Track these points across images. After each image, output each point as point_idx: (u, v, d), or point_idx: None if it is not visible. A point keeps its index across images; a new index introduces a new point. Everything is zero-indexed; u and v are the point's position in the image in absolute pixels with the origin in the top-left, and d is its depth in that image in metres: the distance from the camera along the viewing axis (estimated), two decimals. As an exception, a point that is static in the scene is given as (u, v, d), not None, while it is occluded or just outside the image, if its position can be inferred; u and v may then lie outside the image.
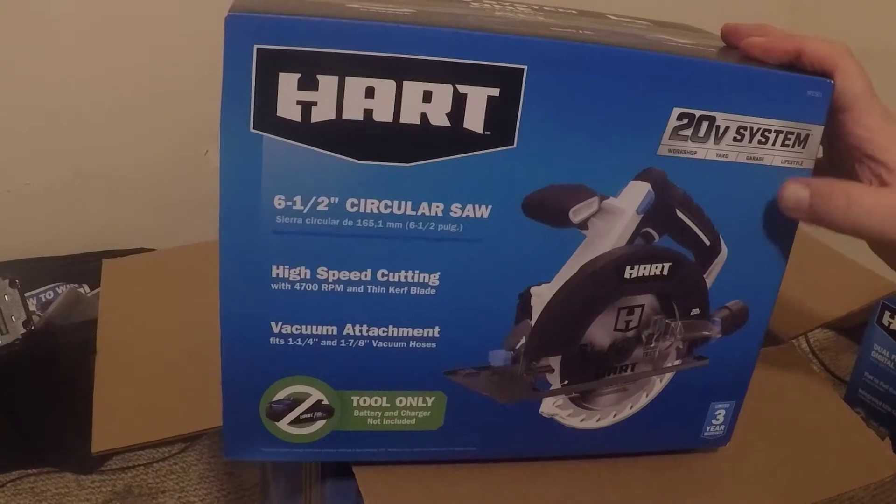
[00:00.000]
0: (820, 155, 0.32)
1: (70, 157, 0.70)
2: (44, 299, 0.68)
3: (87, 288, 0.68)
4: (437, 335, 0.31)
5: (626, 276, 0.32)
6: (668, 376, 0.35)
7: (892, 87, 0.49)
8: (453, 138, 0.28)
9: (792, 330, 0.48)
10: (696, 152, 0.30)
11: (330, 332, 0.30)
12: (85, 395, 0.40)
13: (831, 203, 0.30)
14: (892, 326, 0.62)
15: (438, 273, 0.30)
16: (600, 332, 0.33)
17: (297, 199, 0.28)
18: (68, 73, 0.67)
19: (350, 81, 0.26)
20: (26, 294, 0.62)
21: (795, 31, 0.32)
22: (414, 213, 0.29)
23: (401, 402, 0.32)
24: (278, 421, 0.32)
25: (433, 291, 0.30)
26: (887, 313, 0.62)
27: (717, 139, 0.30)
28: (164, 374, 0.42)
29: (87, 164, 0.71)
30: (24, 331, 0.58)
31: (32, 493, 0.61)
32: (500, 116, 0.28)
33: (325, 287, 0.29)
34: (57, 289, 0.68)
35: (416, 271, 0.30)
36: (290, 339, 0.30)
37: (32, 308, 0.64)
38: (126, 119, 0.70)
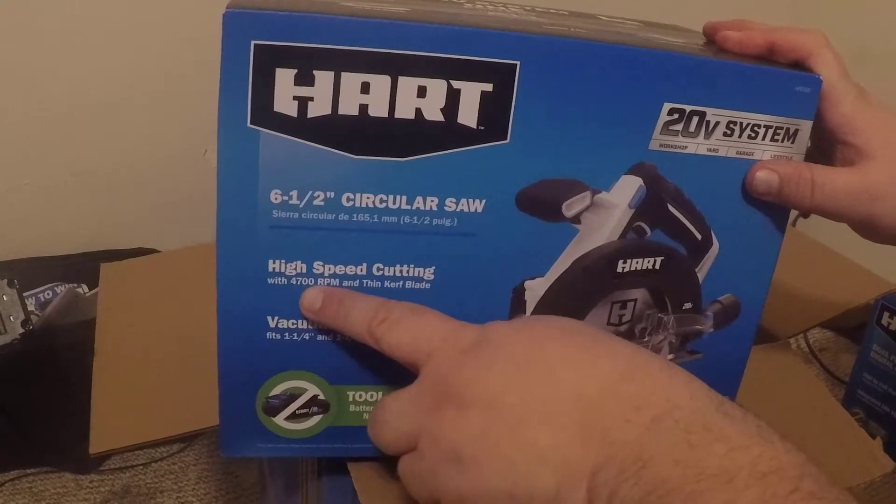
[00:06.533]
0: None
1: (69, 156, 0.70)
2: (42, 299, 0.67)
3: (85, 288, 0.68)
4: None
5: (619, 270, 0.32)
6: (661, 371, 0.35)
7: (892, 87, 0.50)
8: (447, 133, 0.28)
9: (789, 328, 0.48)
10: (686, 147, 0.31)
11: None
12: (83, 394, 0.40)
13: (798, 189, 0.31)
14: (891, 327, 0.62)
15: (433, 267, 0.30)
16: (594, 326, 0.33)
17: (294, 193, 0.28)
18: (67, 71, 0.67)
19: (346, 77, 0.27)
20: (25, 294, 0.62)
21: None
22: (409, 207, 0.29)
23: (396, 396, 0.33)
24: (274, 416, 0.32)
25: (428, 286, 0.30)
26: (886, 314, 0.63)
27: (708, 134, 0.30)
28: (161, 374, 0.42)
29: (85, 164, 0.71)
30: (22, 330, 0.58)
31: (31, 492, 0.61)
32: (494, 111, 0.28)
33: (321, 282, 0.30)
34: (55, 288, 0.68)
35: (411, 265, 0.30)
36: (287, 334, 0.30)
37: (31, 308, 0.64)
38: (125, 118, 0.70)
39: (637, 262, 0.32)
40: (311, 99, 0.27)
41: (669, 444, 0.21)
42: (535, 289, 0.31)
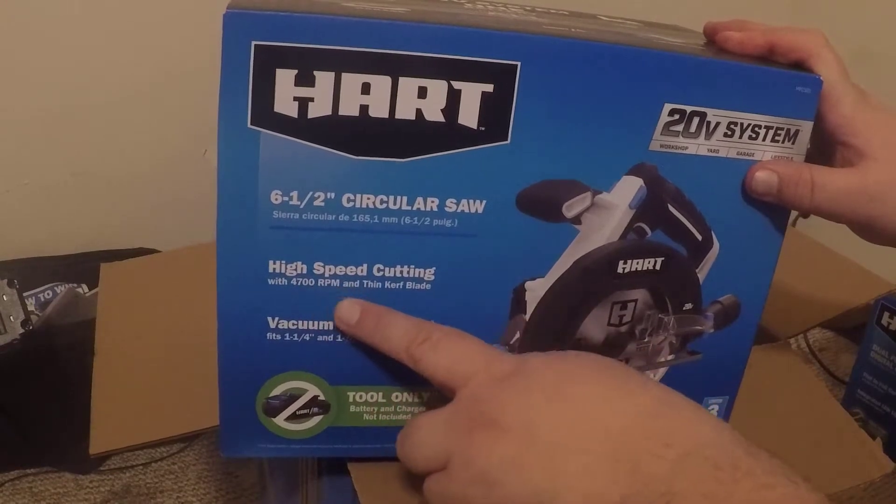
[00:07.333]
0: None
1: (69, 156, 0.70)
2: (42, 299, 0.67)
3: (85, 288, 0.68)
4: None
5: (620, 270, 0.32)
6: (661, 371, 0.36)
7: (892, 87, 0.50)
8: (448, 134, 0.28)
9: (789, 329, 0.48)
10: (687, 147, 0.31)
11: (326, 328, 0.30)
12: (83, 394, 0.40)
13: (798, 190, 0.31)
14: (891, 327, 0.62)
15: (434, 268, 0.30)
16: (594, 327, 0.33)
17: (294, 194, 0.28)
18: (67, 71, 0.67)
19: (346, 77, 0.27)
20: (25, 294, 0.62)
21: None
22: (409, 208, 0.29)
23: (396, 397, 0.33)
24: (275, 417, 0.32)
25: (428, 286, 0.30)
26: (886, 314, 0.63)
27: (708, 134, 0.30)
28: (161, 375, 0.42)
29: (85, 164, 0.71)
30: (22, 331, 0.58)
31: (31, 492, 0.61)
32: (495, 112, 0.28)
33: (321, 282, 0.30)
34: (55, 288, 0.68)
35: (412, 266, 0.30)
36: (287, 335, 0.30)
37: (31, 308, 0.64)
38: (125, 118, 0.70)
39: (637, 263, 0.32)
40: (312, 99, 0.27)
41: (698, 478, 0.22)
42: (536, 289, 0.31)
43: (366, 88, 0.27)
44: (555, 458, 0.24)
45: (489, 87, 0.28)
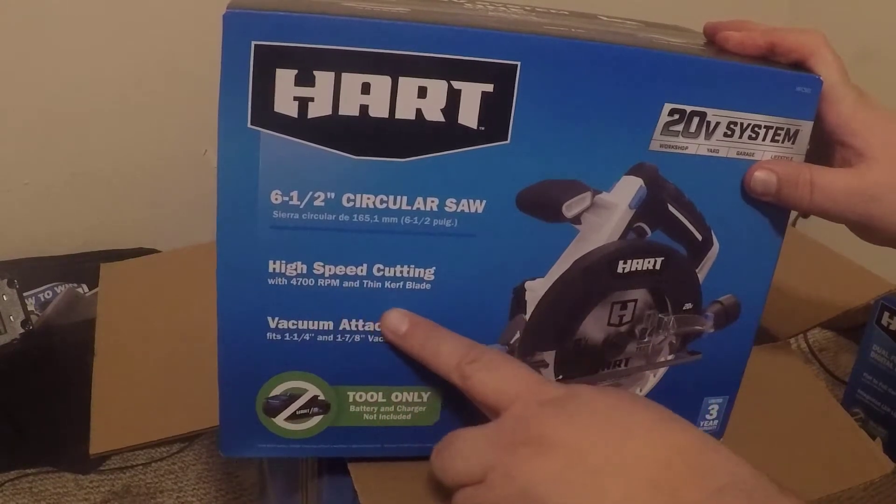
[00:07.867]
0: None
1: (69, 156, 0.71)
2: (42, 299, 0.68)
3: (85, 287, 0.68)
4: None
5: (619, 270, 0.32)
6: (661, 371, 0.36)
7: (892, 87, 0.50)
8: (448, 133, 0.28)
9: (789, 329, 0.48)
10: (687, 147, 0.31)
11: (326, 328, 0.31)
12: (83, 394, 0.40)
13: (797, 190, 0.31)
14: (891, 327, 0.62)
15: (433, 268, 0.30)
16: (594, 327, 0.33)
17: (294, 194, 0.28)
18: (67, 71, 0.67)
19: (346, 77, 0.27)
20: (24, 294, 0.62)
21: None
22: (409, 207, 0.29)
23: (396, 397, 0.33)
24: (275, 417, 0.32)
25: (428, 286, 0.30)
26: (886, 314, 0.63)
27: (708, 134, 0.30)
28: (161, 375, 0.42)
29: (86, 164, 0.71)
30: (22, 330, 0.59)
31: (31, 492, 0.61)
32: (495, 112, 0.28)
33: (321, 282, 0.30)
34: (55, 288, 0.68)
35: (412, 266, 0.30)
36: (287, 335, 0.30)
37: (31, 308, 0.64)
38: (125, 118, 0.70)
39: (637, 263, 0.32)
40: (312, 99, 0.27)
41: None
42: (536, 289, 0.31)
43: (366, 88, 0.27)
44: (599, 479, 0.25)
45: (489, 87, 0.28)
